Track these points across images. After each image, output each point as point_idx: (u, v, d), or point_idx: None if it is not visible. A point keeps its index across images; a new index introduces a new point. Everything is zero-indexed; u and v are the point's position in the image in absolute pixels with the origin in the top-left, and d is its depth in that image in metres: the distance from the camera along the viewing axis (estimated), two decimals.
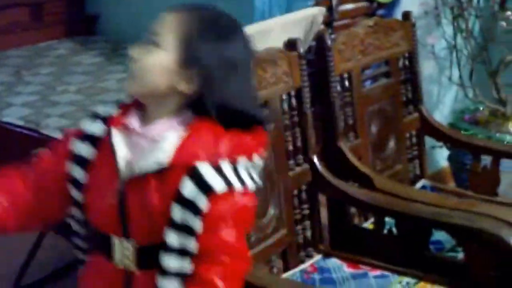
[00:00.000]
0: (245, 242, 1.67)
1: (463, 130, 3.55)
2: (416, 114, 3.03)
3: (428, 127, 3.06)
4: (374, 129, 2.84)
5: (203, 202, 1.57)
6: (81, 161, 1.72)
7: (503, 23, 3.45)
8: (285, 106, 2.38)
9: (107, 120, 1.71)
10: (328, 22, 2.92)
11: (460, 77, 3.72)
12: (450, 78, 3.72)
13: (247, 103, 1.65)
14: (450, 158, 3.75)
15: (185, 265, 1.61)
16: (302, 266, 2.43)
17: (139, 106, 1.69)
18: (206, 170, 1.58)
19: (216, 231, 1.60)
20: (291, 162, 2.42)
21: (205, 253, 1.61)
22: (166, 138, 1.62)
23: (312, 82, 2.48)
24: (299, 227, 2.45)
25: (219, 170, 1.59)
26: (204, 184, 1.57)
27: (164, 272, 1.62)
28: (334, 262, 2.46)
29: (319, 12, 2.63)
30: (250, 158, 1.64)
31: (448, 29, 3.67)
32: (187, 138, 1.61)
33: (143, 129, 1.66)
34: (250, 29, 2.34)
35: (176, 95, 1.63)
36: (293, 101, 2.40)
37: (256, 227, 2.26)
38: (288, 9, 3.48)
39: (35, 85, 3.40)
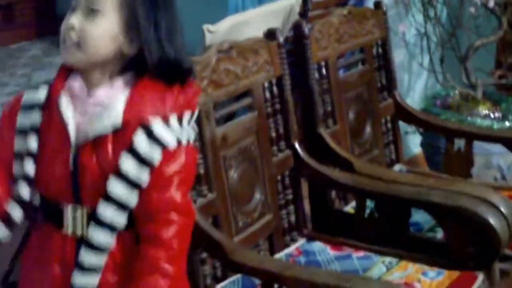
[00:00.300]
0: (189, 198, 1.74)
1: (435, 115, 3.63)
2: (390, 100, 3.12)
3: (402, 113, 3.15)
4: (351, 115, 2.91)
5: (156, 157, 1.63)
6: (35, 131, 1.70)
7: (472, 9, 3.53)
8: (267, 94, 2.44)
9: (50, 86, 1.71)
10: (303, 12, 2.99)
11: (431, 63, 3.81)
12: (421, 64, 3.81)
13: (183, 57, 1.71)
14: (423, 143, 3.84)
15: (120, 219, 1.66)
16: (287, 250, 2.49)
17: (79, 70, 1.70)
18: (158, 125, 1.64)
19: (167, 190, 1.66)
20: (274, 148, 2.48)
21: (156, 213, 1.66)
22: (115, 100, 1.65)
23: (291, 70, 2.54)
24: (283, 211, 2.51)
25: (169, 126, 1.65)
26: (157, 139, 1.63)
27: (99, 222, 1.66)
28: (318, 245, 2.52)
29: (296, 2, 2.70)
30: (192, 111, 1.72)
31: (418, 17, 3.76)
32: (135, 96, 1.65)
33: (90, 93, 1.67)
34: (231, 20, 2.43)
35: (118, 57, 1.67)
36: (275, 89, 2.46)
37: (243, 212, 2.33)
38: (260, 1, 3.56)
39: (12, 86, 3.43)
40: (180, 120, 1.68)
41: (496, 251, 2.25)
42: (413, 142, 3.99)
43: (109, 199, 1.65)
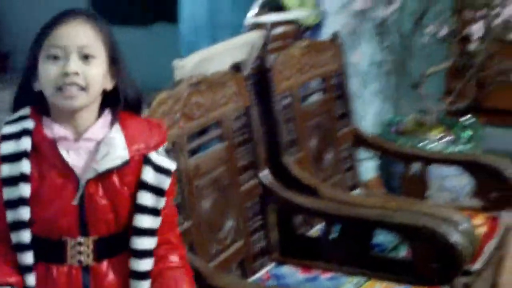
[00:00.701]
0: None
1: (391, 141, 3.76)
2: (348, 128, 3.25)
3: (361, 140, 3.28)
4: (313, 142, 3.03)
5: (167, 183, 1.82)
6: (26, 178, 1.76)
7: (425, 39, 3.68)
8: (236, 125, 2.54)
9: (29, 133, 1.77)
10: (263, 45, 3.10)
11: (384, 91, 3.95)
12: (376, 93, 3.94)
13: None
14: (380, 168, 3.97)
15: (154, 242, 1.83)
16: (258, 275, 2.57)
17: (45, 112, 1.79)
18: (157, 157, 1.82)
19: (170, 203, 1.87)
20: (243, 177, 2.57)
21: (163, 222, 1.84)
22: (114, 136, 1.78)
23: (258, 101, 2.65)
24: (254, 237, 2.60)
25: (162, 154, 1.84)
26: (162, 169, 1.81)
27: (139, 254, 1.80)
28: (287, 268, 2.61)
29: (259, 36, 2.81)
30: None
31: (372, 46, 3.90)
32: (129, 131, 1.80)
33: (79, 133, 1.77)
34: (198, 55, 2.53)
35: (100, 94, 1.79)
36: (243, 119, 2.56)
37: (216, 239, 2.42)
38: (214, 38, 3.67)
39: None
40: (163, 147, 1.87)
41: (458, 267, 2.37)
42: (367, 168, 4.11)
43: (141, 232, 1.80)
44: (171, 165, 1.83)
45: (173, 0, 4.42)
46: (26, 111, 1.80)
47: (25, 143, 1.76)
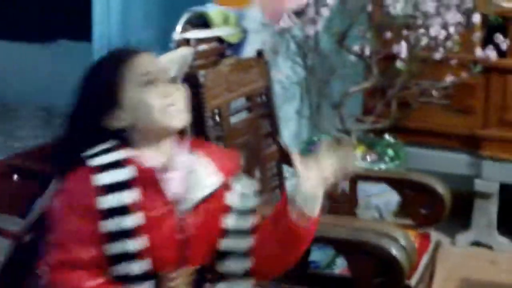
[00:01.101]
0: None
1: None
2: (275, 146, 3.21)
3: (287, 158, 3.25)
4: (241, 161, 2.97)
5: (254, 202, 1.83)
6: (133, 207, 1.70)
7: (347, 58, 3.69)
8: None
9: (126, 164, 1.72)
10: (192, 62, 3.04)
11: (305, 109, 3.93)
12: (298, 112, 3.93)
13: None
14: None
15: (246, 264, 1.79)
16: None
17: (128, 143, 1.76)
18: (240, 180, 1.85)
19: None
20: None
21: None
22: (201, 164, 1.77)
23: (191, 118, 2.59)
24: None
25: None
26: (248, 190, 1.84)
27: (230, 278, 1.78)
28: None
29: (189, 52, 2.74)
30: None
31: (292, 65, 3.88)
32: (213, 158, 1.81)
33: (174, 163, 1.75)
34: None
35: None
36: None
37: None
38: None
39: None
40: None
41: (400, 282, 2.36)
42: (291, 186, 4.08)
43: (228, 255, 1.78)
44: (254, 185, 1.86)
45: (78, 18, 4.35)
46: (107, 144, 1.74)
47: (128, 173, 1.70)
